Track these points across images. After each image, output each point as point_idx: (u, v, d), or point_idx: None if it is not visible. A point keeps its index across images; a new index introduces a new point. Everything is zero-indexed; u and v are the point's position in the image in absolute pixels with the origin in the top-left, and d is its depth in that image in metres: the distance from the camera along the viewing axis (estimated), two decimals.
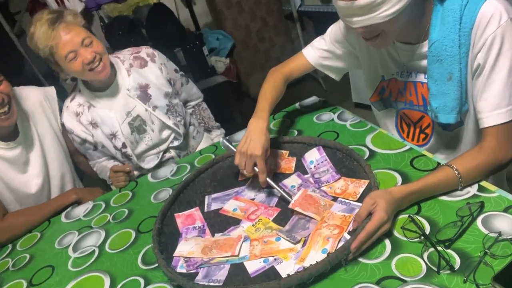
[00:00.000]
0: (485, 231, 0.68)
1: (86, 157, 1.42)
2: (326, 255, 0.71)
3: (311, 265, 0.69)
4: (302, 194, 0.89)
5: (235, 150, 0.96)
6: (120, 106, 1.28)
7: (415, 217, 0.74)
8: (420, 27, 0.85)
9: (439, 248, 0.67)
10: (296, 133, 1.18)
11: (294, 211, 0.86)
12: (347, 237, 0.75)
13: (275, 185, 0.92)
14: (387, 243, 0.73)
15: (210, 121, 1.59)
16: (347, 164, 0.96)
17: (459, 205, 0.75)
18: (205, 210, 0.98)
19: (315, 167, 0.99)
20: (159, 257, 0.81)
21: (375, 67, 1.03)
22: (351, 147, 0.99)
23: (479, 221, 0.70)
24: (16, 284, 0.96)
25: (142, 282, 0.83)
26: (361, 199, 0.83)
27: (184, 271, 0.81)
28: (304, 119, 1.25)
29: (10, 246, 1.13)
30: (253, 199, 0.97)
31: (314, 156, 1.02)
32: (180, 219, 0.97)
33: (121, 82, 1.28)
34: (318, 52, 1.10)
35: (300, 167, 1.02)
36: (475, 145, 0.85)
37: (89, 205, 1.19)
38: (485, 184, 0.78)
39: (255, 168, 0.93)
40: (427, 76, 0.88)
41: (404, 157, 0.93)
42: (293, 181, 0.98)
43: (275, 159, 1.07)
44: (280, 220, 0.87)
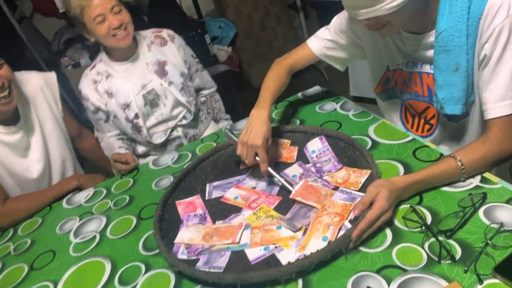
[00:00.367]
0: (487, 222, 0.68)
1: (90, 137, 1.46)
2: (326, 242, 0.71)
3: (311, 253, 0.69)
4: (303, 184, 0.89)
5: (237, 140, 0.96)
6: (137, 78, 1.33)
7: (417, 207, 0.74)
8: (426, 17, 0.84)
9: (440, 238, 0.67)
10: (298, 122, 1.18)
11: (295, 201, 0.86)
12: (348, 225, 0.75)
13: (276, 175, 0.92)
14: (388, 232, 0.73)
15: (220, 112, 1.63)
16: (349, 154, 0.96)
17: (461, 196, 0.75)
18: (206, 198, 0.98)
19: (317, 156, 0.99)
20: (160, 243, 0.81)
21: (380, 57, 1.02)
22: (353, 137, 0.99)
23: (481, 212, 0.70)
24: (17, 268, 0.96)
25: (143, 267, 0.83)
26: (362, 189, 0.83)
27: (185, 257, 0.81)
28: (306, 109, 1.24)
29: (11, 230, 1.13)
30: (254, 188, 0.97)
31: (316, 145, 1.02)
32: (181, 206, 0.97)
33: (141, 55, 1.35)
34: (322, 42, 1.09)
35: (302, 156, 1.02)
36: (480, 136, 0.84)
37: (90, 191, 1.19)
38: (488, 175, 0.78)
39: (256, 158, 0.93)
40: (433, 66, 0.87)
41: (406, 148, 0.92)
42: (294, 171, 0.98)
43: (276, 148, 1.06)
44: (281, 208, 0.87)
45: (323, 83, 2.84)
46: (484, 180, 0.77)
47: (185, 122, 1.43)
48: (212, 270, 0.75)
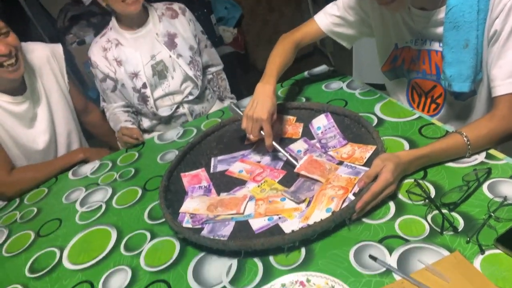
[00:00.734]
0: (491, 196, 0.69)
1: (96, 112, 1.48)
2: (330, 213, 0.72)
3: (315, 222, 0.70)
4: (308, 159, 0.89)
5: (242, 114, 0.96)
6: (146, 48, 1.34)
7: (421, 182, 0.74)
8: None
9: (444, 210, 0.68)
10: (304, 100, 1.17)
11: (299, 174, 0.87)
12: (352, 198, 0.75)
13: (281, 149, 0.93)
14: (391, 205, 0.73)
15: (225, 91, 1.64)
16: (354, 130, 0.96)
17: (465, 171, 0.75)
18: (211, 171, 0.99)
19: (322, 133, 0.99)
20: (166, 211, 0.82)
21: (388, 34, 1.01)
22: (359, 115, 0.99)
23: (485, 187, 0.71)
24: (24, 235, 0.98)
25: (148, 235, 0.84)
26: (367, 164, 0.83)
27: (190, 226, 0.82)
28: (312, 87, 1.24)
29: (17, 200, 1.15)
30: (259, 162, 0.97)
31: (321, 122, 1.02)
32: (186, 178, 0.98)
33: (151, 26, 1.35)
34: (330, 18, 1.08)
35: (307, 132, 1.02)
36: None
37: (96, 164, 1.20)
38: (493, 151, 0.78)
39: (261, 132, 0.94)
40: (442, 43, 0.86)
41: (412, 125, 0.92)
42: (299, 146, 0.98)
43: (282, 124, 1.07)
44: (285, 182, 0.88)
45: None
46: (489, 156, 0.77)
47: (191, 97, 1.43)
48: (216, 238, 0.77)
